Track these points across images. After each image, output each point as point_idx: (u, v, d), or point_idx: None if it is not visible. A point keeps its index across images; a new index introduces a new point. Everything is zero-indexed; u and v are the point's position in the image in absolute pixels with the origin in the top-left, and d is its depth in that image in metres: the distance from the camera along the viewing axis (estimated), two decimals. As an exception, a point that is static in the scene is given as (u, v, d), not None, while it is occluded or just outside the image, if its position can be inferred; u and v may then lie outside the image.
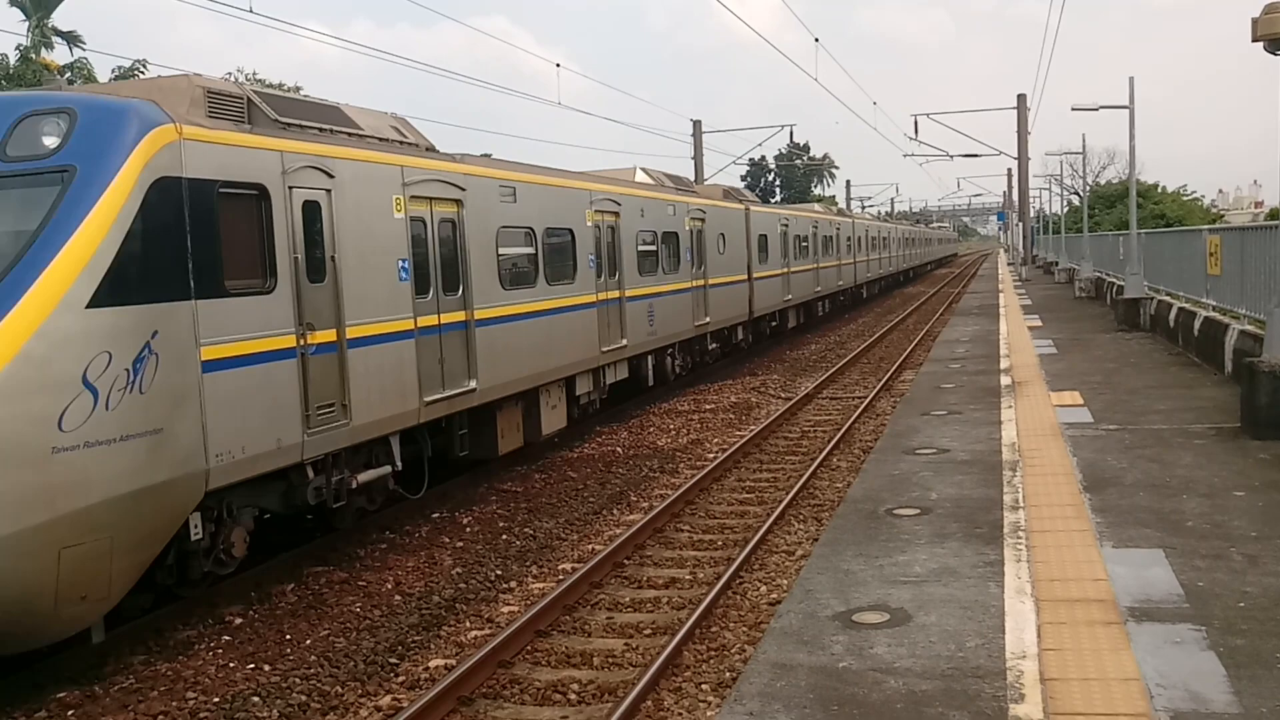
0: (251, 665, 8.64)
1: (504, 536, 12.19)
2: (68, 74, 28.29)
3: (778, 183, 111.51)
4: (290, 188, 10.43)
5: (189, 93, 10.05)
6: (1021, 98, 54.17)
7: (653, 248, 20.77)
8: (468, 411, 13.62)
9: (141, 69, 28.05)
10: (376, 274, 11.65)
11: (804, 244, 35.39)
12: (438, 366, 12.72)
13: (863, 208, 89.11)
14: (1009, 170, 78.41)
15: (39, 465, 7.77)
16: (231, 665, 8.66)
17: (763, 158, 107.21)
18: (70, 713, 7.95)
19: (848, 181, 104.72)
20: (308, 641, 9.12)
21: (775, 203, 57.17)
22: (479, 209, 13.99)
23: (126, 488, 8.32)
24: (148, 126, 8.94)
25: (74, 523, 7.96)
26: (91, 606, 8.34)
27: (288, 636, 9.26)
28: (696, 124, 49.97)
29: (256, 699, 7.92)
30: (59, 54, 36.17)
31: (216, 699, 7.97)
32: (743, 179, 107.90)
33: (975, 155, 70.50)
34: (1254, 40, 11.21)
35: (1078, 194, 73.39)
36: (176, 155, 9.09)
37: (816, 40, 41.76)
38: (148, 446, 8.51)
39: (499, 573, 10.83)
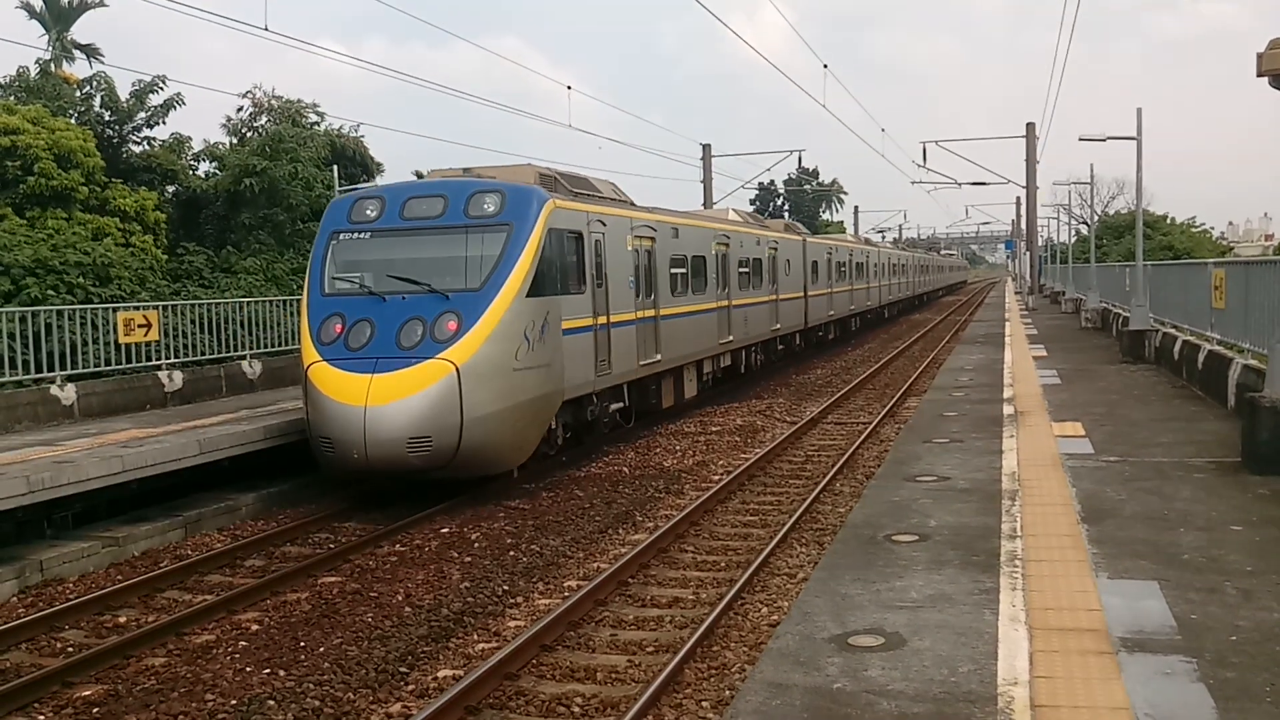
0: (268, 670, 8.85)
1: (511, 553, 12.38)
2: (87, 88, 28.48)
3: (786, 207, 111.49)
4: (589, 232, 17.15)
5: (530, 174, 17.04)
6: (1030, 126, 54.45)
7: (746, 270, 27.30)
8: (652, 376, 20.24)
9: (160, 85, 28.27)
10: (621, 284, 18.43)
11: (843, 269, 42.07)
12: (643, 344, 19.36)
13: (883, 237, 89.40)
14: (1017, 199, 78.43)
15: (508, 376, 14.49)
16: (248, 670, 8.88)
17: (772, 182, 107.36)
18: (95, 710, 8.19)
19: (856, 207, 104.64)
20: (321, 649, 9.33)
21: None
22: (662, 243, 20.74)
23: (538, 392, 15.20)
24: (543, 200, 15.65)
25: (521, 407, 14.78)
26: (522, 454, 15.44)
27: (302, 644, 9.48)
28: (706, 148, 50.27)
29: (272, 703, 8.13)
30: (79, 67, 36.50)
31: (234, 701, 8.19)
32: (752, 203, 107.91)
33: (983, 183, 71.01)
34: (1259, 75, 11.10)
35: (1086, 224, 73.42)
36: (553, 215, 15.74)
37: (825, 66, 42.10)
38: (545, 372, 15.35)
39: (506, 588, 11.02)
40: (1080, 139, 30.02)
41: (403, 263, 15.03)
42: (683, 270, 22.11)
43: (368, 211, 15.79)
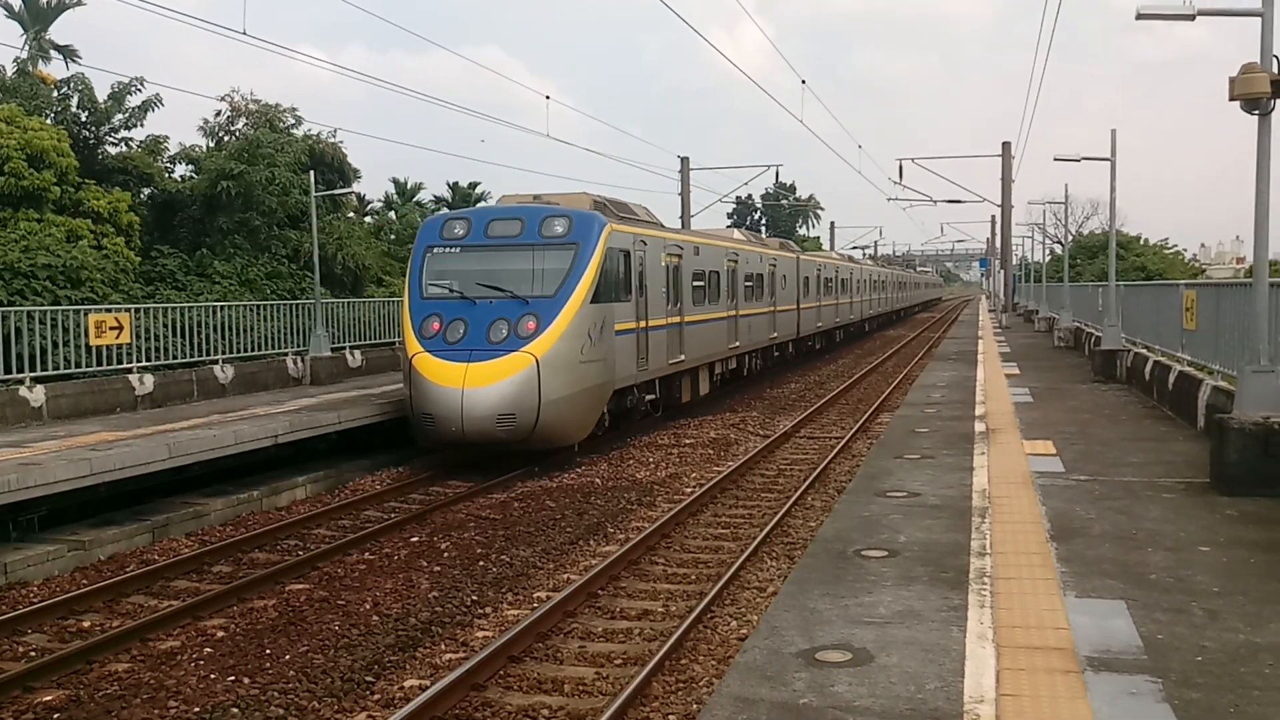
0: (232, 678, 8.79)
1: (481, 563, 12.32)
2: (64, 88, 28.27)
3: (763, 222, 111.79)
4: (635, 250, 20.17)
5: (586, 201, 20.41)
6: (1006, 145, 54.66)
7: (751, 284, 30.24)
8: (676, 373, 23.22)
9: (138, 86, 28.09)
10: (657, 294, 21.50)
11: (829, 285, 45.24)
12: (671, 345, 22.46)
13: (864, 254, 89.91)
14: (992, 217, 78.78)
15: (575, 367, 17.54)
16: (212, 677, 8.81)
17: (749, 196, 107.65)
18: (56, 715, 8.11)
19: (832, 223, 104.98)
20: (287, 657, 9.26)
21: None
22: (686, 260, 23.86)
23: (597, 381, 18.37)
24: (603, 224, 18.76)
25: (584, 393, 17.91)
26: (584, 432, 18.49)
27: (268, 651, 9.41)
28: (684, 160, 50.20)
29: (236, 710, 8.06)
30: (55, 67, 36.24)
31: (197, 709, 8.12)
32: (729, 217, 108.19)
33: (959, 201, 70.98)
34: (1231, 99, 11.18)
35: (1060, 243, 73.82)
36: (610, 236, 18.75)
37: (803, 82, 42.26)
38: (602, 365, 18.46)
39: (475, 598, 10.97)
40: (1055, 159, 30.33)
41: (489, 273, 18.08)
42: (701, 284, 25.11)
43: (456, 230, 18.82)
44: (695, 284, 24.54)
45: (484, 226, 18.78)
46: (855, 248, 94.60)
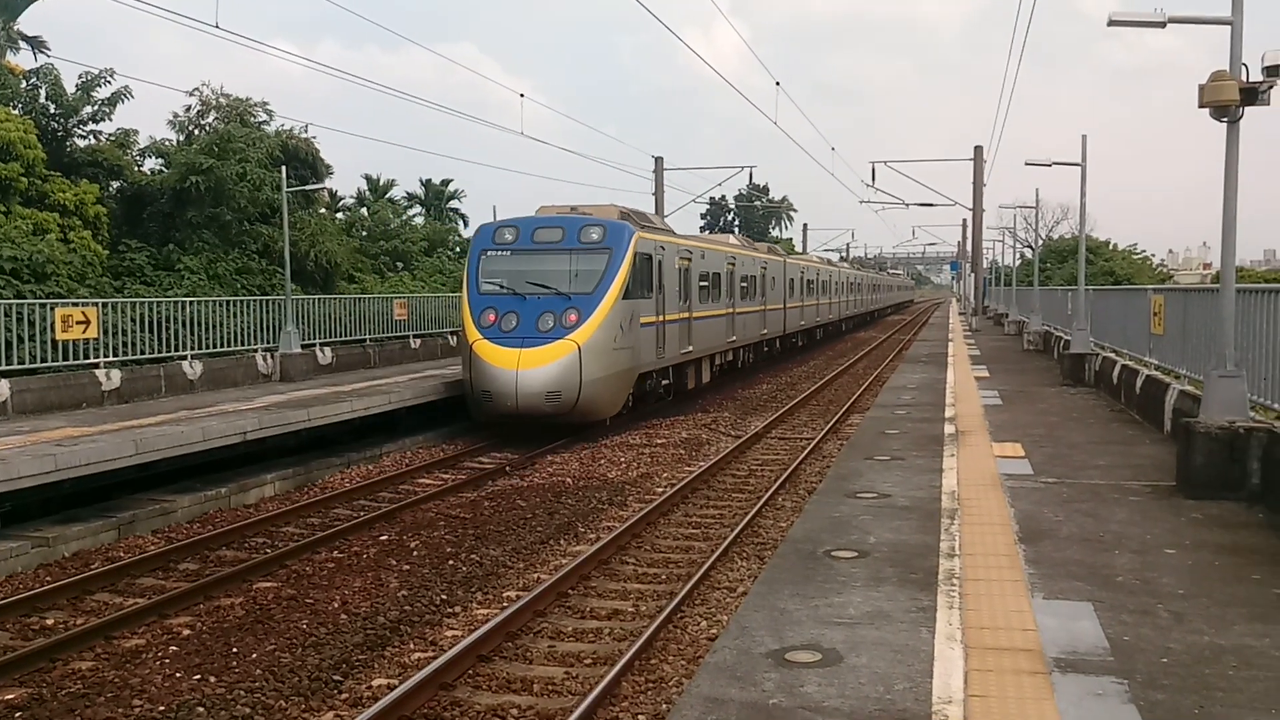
0: (198, 676, 8.72)
1: (451, 562, 12.28)
2: (33, 79, 27.95)
3: (736, 223, 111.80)
4: (655, 254, 23.23)
5: (614, 211, 23.68)
6: (978, 150, 54.82)
7: (746, 285, 33.44)
8: (684, 363, 26.20)
9: (108, 78, 27.82)
10: (672, 293, 24.62)
11: (811, 286, 48.44)
12: (682, 337, 25.54)
13: (840, 256, 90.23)
14: (964, 221, 79.10)
15: (610, 353, 20.65)
16: (178, 675, 8.74)
17: (723, 197, 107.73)
18: (19, 714, 8.02)
19: (805, 225, 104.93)
20: (254, 656, 9.20)
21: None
22: (695, 262, 27.03)
23: (626, 366, 21.57)
24: (633, 232, 22.00)
25: (617, 375, 21.10)
26: (615, 409, 21.69)
27: (235, 650, 9.34)
28: (658, 160, 50.12)
29: (201, 709, 8.00)
30: (23, 58, 35.81)
31: (162, 708, 8.05)
32: (703, 218, 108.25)
33: (931, 205, 71.26)
34: (1200, 106, 11.24)
35: (1030, 247, 74.20)
36: (638, 242, 22.01)
37: (778, 84, 42.37)
38: (630, 353, 21.62)
39: (444, 597, 10.93)
40: (1027, 164, 30.19)
41: (536, 273, 21.21)
42: (706, 284, 28.32)
43: (506, 236, 21.93)
44: (701, 284, 27.67)
45: (530, 233, 21.78)
46: (828, 250, 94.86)
